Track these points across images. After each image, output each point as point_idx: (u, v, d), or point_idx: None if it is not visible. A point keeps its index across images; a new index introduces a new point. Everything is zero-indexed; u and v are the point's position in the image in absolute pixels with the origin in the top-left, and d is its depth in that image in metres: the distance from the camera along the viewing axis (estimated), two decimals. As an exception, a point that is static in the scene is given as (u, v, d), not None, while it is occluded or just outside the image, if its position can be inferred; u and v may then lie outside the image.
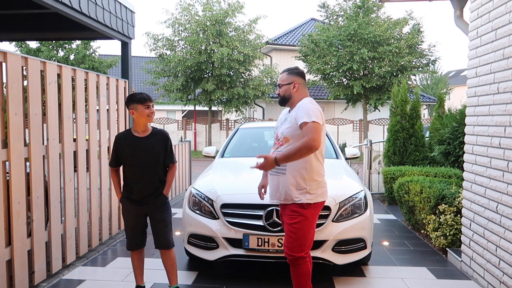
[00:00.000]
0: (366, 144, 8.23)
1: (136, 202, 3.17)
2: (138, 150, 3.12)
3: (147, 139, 3.16)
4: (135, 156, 3.12)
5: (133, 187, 3.16)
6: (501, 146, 3.41)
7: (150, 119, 3.15)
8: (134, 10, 5.32)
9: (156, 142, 3.17)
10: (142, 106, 3.10)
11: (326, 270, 3.94)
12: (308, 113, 2.79)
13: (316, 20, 24.43)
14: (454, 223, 4.38)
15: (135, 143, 3.14)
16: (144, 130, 3.18)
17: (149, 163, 3.13)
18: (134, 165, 3.14)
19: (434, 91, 32.92)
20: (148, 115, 3.13)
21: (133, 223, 3.23)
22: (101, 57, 22.46)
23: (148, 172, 3.13)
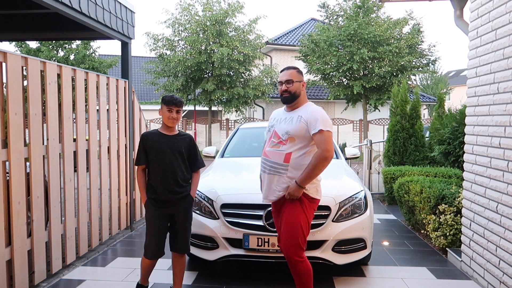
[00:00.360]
0: (366, 144, 8.23)
1: (161, 204, 3.09)
2: (163, 147, 3.09)
3: (173, 137, 3.15)
4: (160, 153, 3.09)
5: (157, 187, 3.08)
6: (501, 146, 3.41)
7: (171, 122, 3.11)
8: (134, 10, 5.31)
9: (182, 142, 3.16)
10: (165, 107, 3.10)
11: (326, 270, 3.94)
12: (325, 121, 2.86)
13: (316, 20, 24.43)
14: (454, 223, 4.38)
15: (161, 140, 3.12)
16: (169, 130, 3.17)
17: (173, 162, 3.09)
18: (158, 162, 3.08)
19: (434, 91, 32.92)
20: (168, 117, 3.10)
21: (158, 230, 3.11)
22: (101, 57, 22.46)
23: (172, 171, 3.08)
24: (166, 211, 3.11)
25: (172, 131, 3.17)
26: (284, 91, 3.01)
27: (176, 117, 3.11)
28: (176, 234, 3.15)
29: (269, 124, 3.17)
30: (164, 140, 3.12)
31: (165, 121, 3.12)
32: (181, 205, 3.12)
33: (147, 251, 3.14)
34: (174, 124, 3.14)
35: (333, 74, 17.71)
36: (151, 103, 28.03)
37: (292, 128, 2.92)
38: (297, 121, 2.92)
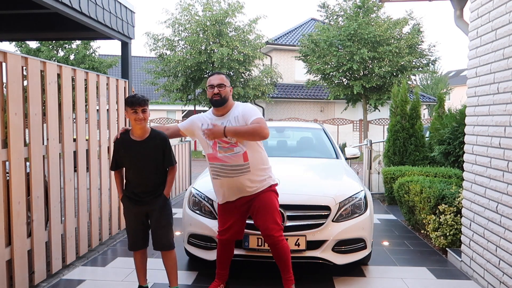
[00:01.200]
0: (366, 144, 8.23)
1: (136, 202, 3.16)
2: (135, 154, 3.08)
3: (144, 143, 3.10)
4: (133, 160, 3.10)
5: (133, 187, 3.15)
6: (501, 146, 3.41)
7: (139, 124, 3.03)
8: (134, 10, 5.32)
9: (154, 146, 3.11)
10: (130, 109, 3.01)
11: (326, 270, 3.94)
12: (256, 111, 3.18)
13: (316, 20, 24.42)
14: (454, 223, 4.38)
15: (132, 147, 3.09)
16: (140, 134, 3.10)
17: (146, 167, 3.11)
18: (132, 168, 3.13)
19: (434, 91, 32.92)
20: (135, 119, 3.00)
21: (134, 223, 3.21)
22: (101, 57, 22.45)
23: (147, 175, 3.12)
24: (141, 209, 3.16)
25: (143, 135, 3.10)
26: (216, 94, 3.14)
27: (143, 117, 3.01)
28: (155, 231, 3.19)
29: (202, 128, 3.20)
30: (135, 146, 3.09)
31: (132, 124, 3.05)
32: (155, 204, 3.15)
33: (128, 244, 3.28)
34: (142, 125, 3.05)
35: (333, 74, 17.71)
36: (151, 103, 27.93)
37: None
38: (236, 122, 3.13)
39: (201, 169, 5.43)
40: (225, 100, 3.17)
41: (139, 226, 3.21)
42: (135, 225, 3.21)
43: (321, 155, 5.17)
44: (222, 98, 3.15)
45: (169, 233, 3.23)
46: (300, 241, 3.50)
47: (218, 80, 3.17)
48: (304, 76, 20.23)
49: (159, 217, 3.17)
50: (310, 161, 4.94)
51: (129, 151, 3.10)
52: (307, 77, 19.79)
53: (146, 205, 3.15)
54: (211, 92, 3.17)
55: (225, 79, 3.21)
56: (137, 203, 3.16)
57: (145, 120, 3.04)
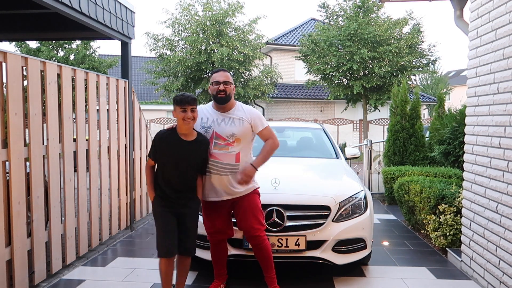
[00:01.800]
0: (366, 144, 8.23)
1: (168, 203, 3.02)
2: (179, 153, 2.97)
3: (192, 144, 3.00)
4: (178, 158, 2.97)
5: (166, 188, 3.02)
6: (501, 146, 3.41)
7: (186, 123, 2.92)
8: (134, 10, 5.31)
9: (199, 150, 3.04)
10: (179, 108, 2.91)
11: (326, 270, 3.94)
12: (263, 118, 3.31)
13: (316, 20, 24.41)
14: (454, 223, 4.38)
15: (178, 145, 2.97)
16: (186, 134, 3.00)
17: (190, 168, 3.02)
18: (170, 167, 2.99)
19: (434, 91, 32.91)
20: (183, 118, 2.90)
21: (166, 225, 3.00)
22: (101, 57, 22.45)
23: (188, 176, 3.03)
24: (173, 210, 3.03)
25: (189, 136, 3.00)
26: (221, 91, 3.18)
27: (192, 116, 2.91)
28: (182, 235, 3.06)
29: (202, 123, 3.23)
30: (180, 146, 2.97)
31: (180, 123, 2.94)
32: (189, 206, 3.07)
33: (159, 249, 3.01)
34: (191, 125, 2.95)
35: (333, 74, 17.69)
36: (151, 103, 28.03)
37: (238, 130, 3.17)
38: (240, 123, 3.19)
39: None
40: (229, 98, 3.22)
41: (173, 228, 3.02)
42: (169, 227, 3.00)
43: (321, 155, 5.17)
44: (227, 95, 3.19)
45: (194, 238, 3.16)
46: (300, 241, 3.50)
47: (223, 77, 3.20)
48: (304, 76, 20.22)
49: (189, 221, 3.07)
50: (310, 161, 4.94)
51: (172, 147, 2.97)
52: (307, 77, 19.77)
53: (179, 208, 3.04)
54: (216, 88, 3.19)
55: (230, 77, 3.25)
56: (169, 205, 3.02)
57: (194, 120, 2.95)
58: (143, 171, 6.00)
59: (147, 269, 4.01)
